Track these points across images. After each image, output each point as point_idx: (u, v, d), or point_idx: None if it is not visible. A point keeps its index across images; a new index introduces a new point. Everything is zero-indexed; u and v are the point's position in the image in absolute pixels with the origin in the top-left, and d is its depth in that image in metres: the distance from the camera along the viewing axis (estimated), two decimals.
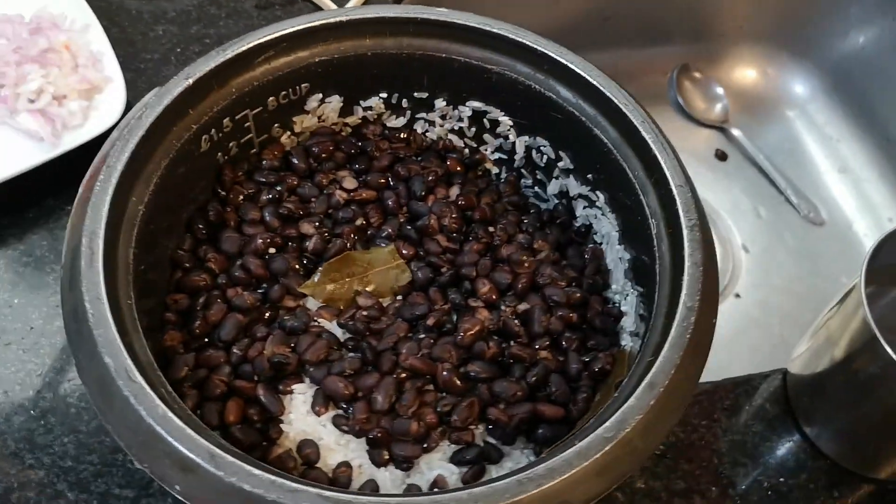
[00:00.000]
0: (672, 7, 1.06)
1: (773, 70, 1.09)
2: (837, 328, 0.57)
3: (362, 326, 0.54)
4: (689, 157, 1.04)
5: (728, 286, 0.96)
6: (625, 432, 0.43)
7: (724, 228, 1.00)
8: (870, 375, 0.55)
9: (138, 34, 0.79)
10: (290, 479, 0.40)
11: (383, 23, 0.58)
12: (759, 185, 1.03)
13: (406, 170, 0.62)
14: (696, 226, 0.50)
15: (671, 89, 1.09)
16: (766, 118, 1.08)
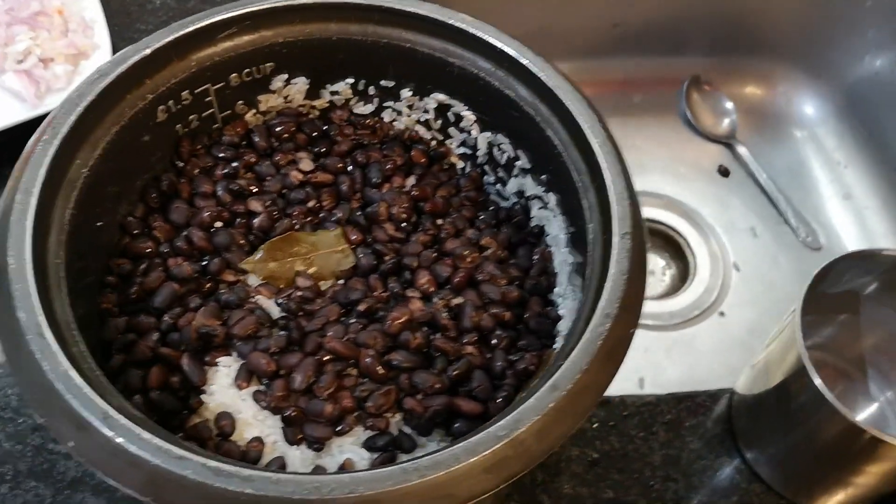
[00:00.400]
0: (687, 17, 1.04)
1: (785, 88, 1.07)
2: (777, 355, 0.56)
3: (295, 306, 0.54)
4: (692, 170, 1.04)
5: (714, 303, 0.95)
6: (518, 432, 0.43)
7: (718, 245, 0.98)
8: (800, 405, 0.54)
9: (135, 5, 0.81)
10: (177, 447, 0.41)
11: (348, 8, 0.58)
12: (759, 204, 1.02)
13: (365, 156, 0.62)
14: (629, 234, 0.50)
15: (680, 101, 1.08)
16: (774, 137, 1.06)
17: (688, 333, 0.93)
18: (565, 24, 1.02)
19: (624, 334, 0.48)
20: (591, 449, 0.61)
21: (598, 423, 0.62)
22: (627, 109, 1.08)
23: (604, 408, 0.63)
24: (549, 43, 1.02)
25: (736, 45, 1.07)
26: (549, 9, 1.00)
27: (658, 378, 0.89)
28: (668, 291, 0.97)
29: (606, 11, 1.01)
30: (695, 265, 0.97)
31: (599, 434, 0.62)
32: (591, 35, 1.03)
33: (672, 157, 1.05)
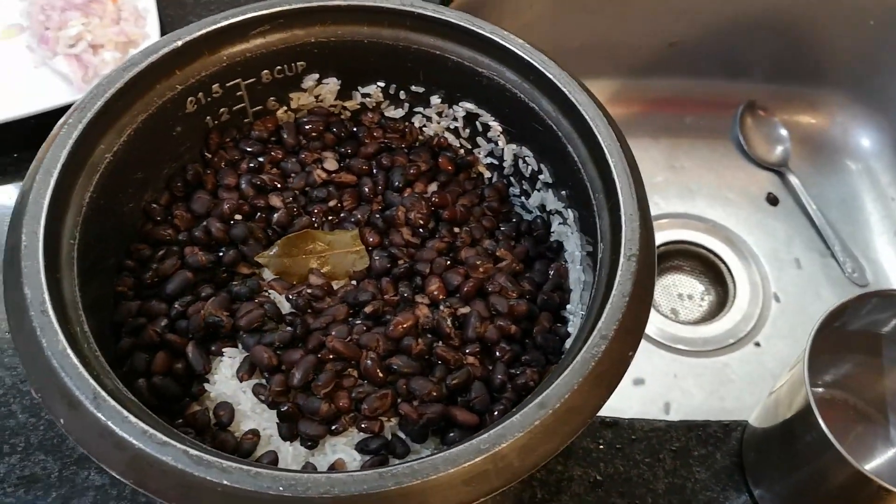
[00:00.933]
0: (747, 41, 1.02)
1: (842, 119, 1.04)
2: (787, 392, 0.55)
3: (303, 303, 0.55)
4: (740, 196, 1.02)
5: (750, 333, 0.92)
6: (500, 447, 0.43)
7: (760, 274, 0.96)
8: (806, 444, 0.52)
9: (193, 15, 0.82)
10: (162, 433, 0.42)
11: (381, 12, 0.58)
12: (805, 235, 0.99)
13: (390, 160, 0.62)
14: (635, 257, 0.49)
15: (734, 125, 1.06)
16: (827, 168, 1.04)
17: (720, 361, 0.91)
18: (620, 39, 1.01)
19: (620, 357, 0.47)
20: (595, 470, 0.60)
21: (604, 444, 0.61)
22: (678, 130, 1.07)
23: (611, 429, 0.62)
24: (601, 58, 1.02)
25: (795, 72, 1.04)
26: (604, 24, 0.99)
27: (685, 405, 0.87)
28: (704, 317, 0.95)
29: (664, 30, 1.00)
30: (734, 292, 0.95)
31: (605, 456, 0.61)
32: (647, 52, 1.02)
33: (720, 181, 1.03)
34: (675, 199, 1.01)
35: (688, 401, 0.87)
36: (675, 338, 0.91)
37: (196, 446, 0.42)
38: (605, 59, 1.02)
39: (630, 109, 1.06)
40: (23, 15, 0.76)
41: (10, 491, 0.58)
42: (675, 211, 1.00)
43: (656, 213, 1.00)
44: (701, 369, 0.90)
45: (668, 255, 0.98)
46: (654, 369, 0.90)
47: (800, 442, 0.52)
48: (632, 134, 1.05)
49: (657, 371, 0.89)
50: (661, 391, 0.88)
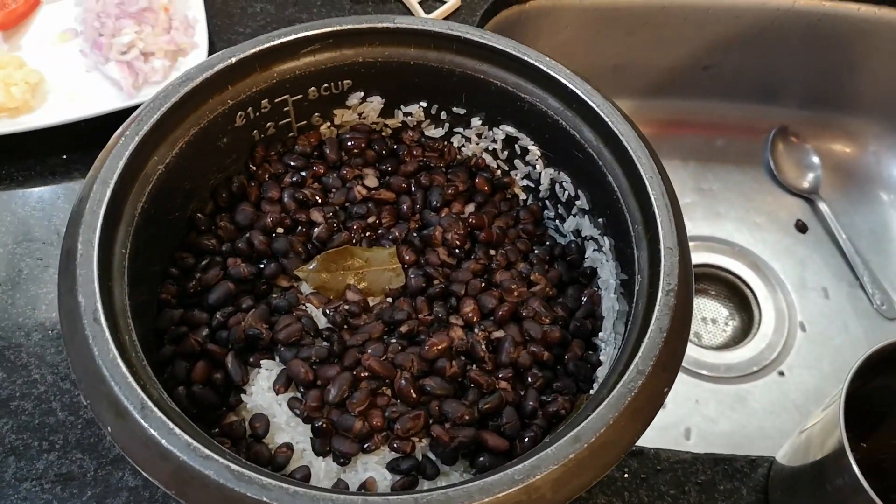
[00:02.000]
0: (781, 67, 1.02)
1: (876, 148, 1.04)
2: (819, 432, 0.55)
3: (340, 319, 0.56)
4: (769, 221, 1.02)
5: (774, 361, 0.93)
6: (535, 479, 0.43)
7: (786, 301, 0.96)
8: (837, 488, 0.52)
9: (237, 8, 0.84)
10: (205, 446, 0.43)
11: (428, 35, 0.59)
12: (834, 264, 0.99)
13: (429, 179, 0.63)
14: (673, 292, 0.49)
15: (765, 150, 1.06)
16: (859, 197, 1.04)
17: (743, 389, 0.91)
18: (655, 61, 1.01)
19: (656, 393, 0.48)
20: (619, 499, 0.61)
21: (629, 473, 0.62)
22: (710, 153, 1.07)
23: (636, 458, 0.62)
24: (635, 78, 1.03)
25: (829, 100, 1.04)
26: (640, 45, 0.99)
27: (705, 431, 0.88)
28: (728, 343, 0.95)
29: (699, 53, 1.00)
30: (759, 319, 0.95)
31: (629, 485, 0.61)
32: (680, 74, 1.02)
33: (750, 206, 1.04)
34: (703, 222, 1.02)
35: (708, 427, 0.88)
36: (698, 362, 0.92)
37: (237, 461, 0.43)
38: (638, 79, 1.03)
39: (661, 130, 1.07)
40: (78, 20, 0.77)
41: (48, 487, 0.59)
42: (701, 234, 1.01)
43: None
44: (723, 396, 0.90)
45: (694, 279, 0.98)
46: (675, 394, 0.88)
47: (830, 485, 0.53)
48: (662, 154, 1.05)
49: (678, 396, 0.90)
50: (683, 416, 0.89)
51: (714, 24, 0.96)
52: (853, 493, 0.51)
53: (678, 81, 1.03)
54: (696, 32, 0.98)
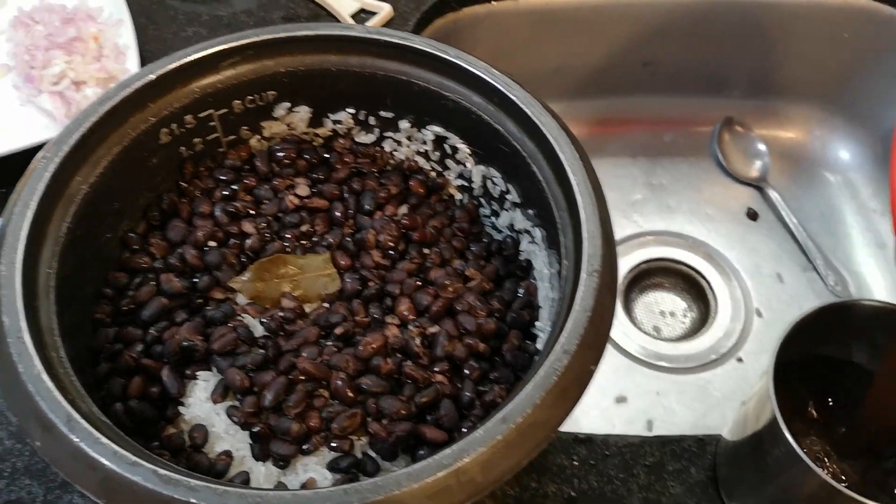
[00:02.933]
0: (721, 58, 1.04)
1: (821, 132, 1.06)
2: (755, 405, 0.55)
3: (275, 326, 0.56)
4: (720, 212, 1.03)
5: (733, 349, 0.93)
6: (463, 462, 0.43)
7: (741, 289, 0.97)
8: (775, 458, 0.53)
9: (170, 33, 0.84)
10: (132, 453, 0.43)
11: (347, 40, 0.60)
12: (787, 249, 1.00)
13: (361, 184, 0.64)
14: (597, 273, 0.50)
15: (712, 142, 1.07)
16: (807, 182, 1.05)
17: (703, 378, 0.91)
18: (597, 61, 1.03)
19: (583, 371, 0.48)
20: (569, 486, 0.61)
21: (578, 460, 0.62)
22: (658, 148, 1.08)
23: (585, 445, 0.62)
24: (578, 79, 1.04)
25: (771, 88, 1.06)
26: (580, 46, 1.01)
27: (667, 422, 0.88)
28: (686, 334, 0.96)
29: (638, 49, 1.02)
30: (716, 309, 0.96)
31: (579, 472, 0.61)
32: (623, 72, 1.03)
33: (700, 198, 1.05)
34: (655, 217, 1.03)
35: (670, 418, 0.88)
36: (657, 355, 0.92)
37: (166, 466, 0.43)
38: (580, 79, 1.04)
39: (608, 129, 1.08)
40: (9, 55, 0.78)
41: None
42: (654, 228, 1.02)
43: (636, 232, 1.01)
44: (683, 386, 0.91)
45: (649, 273, 0.99)
46: (636, 387, 0.90)
47: (769, 456, 0.53)
48: (611, 153, 1.08)
49: (639, 389, 0.90)
50: (644, 409, 0.89)
51: (649, 19, 0.98)
52: (791, 462, 0.51)
53: (620, 79, 1.04)
54: (632, 29, 0.99)
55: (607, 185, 1.04)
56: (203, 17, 0.86)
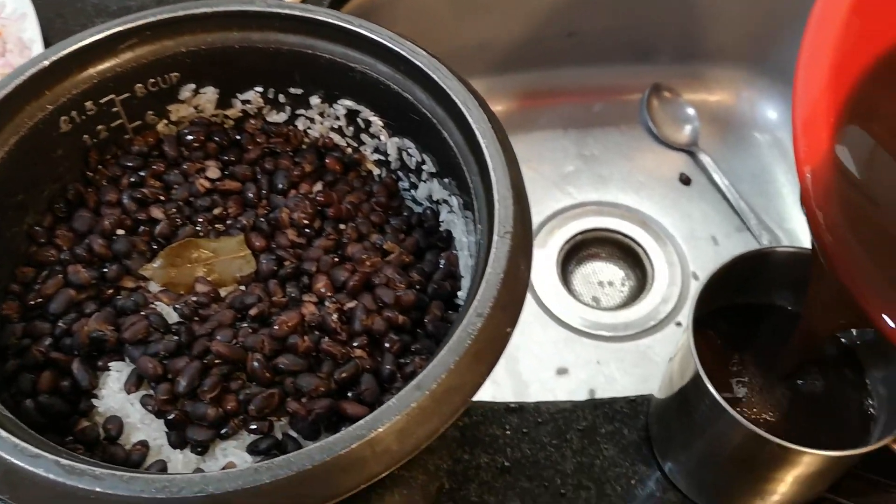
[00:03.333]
0: (645, 25, 1.04)
1: (749, 94, 1.07)
2: (679, 361, 0.55)
3: (189, 311, 0.55)
4: (652, 179, 1.03)
5: (671, 314, 0.93)
6: (377, 431, 0.43)
7: (677, 254, 0.97)
8: (701, 413, 0.53)
9: (79, 25, 0.82)
10: (35, 445, 0.41)
11: (247, 16, 0.59)
12: (720, 211, 1.01)
13: (274, 164, 0.62)
14: (509, 234, 0.49)
15: (642, 110, 1.07)
16: (737, 143, 1.05)
17: (643, 344, 0.91)
18: (521, 34, 1.02)
19: (498, 334, 0.47)
20: (502, 456, 0.60)
21: (510, 430, 0.61)
22: (588, 119, 1.08)
23: (516, 414, 0.62)
24: (504, 54, 1.03)
25: (697, 52, 1.06)
26: (503, 20, 1.00)
27: (609, 390, 0.88)
28: (625, 302, 0.96)
29: (561, 21, 1.01)
30: (653, 275, 0.96)
31: (511, 441, 0.61)
32: (546, 45, 1.03)
33: (633, 166, 1.05)
34: (589, 188, 1.03)
35: (611, 385, 0.88)
36: (598, 325, 0.92)
37: (70, 457, 0.42)
38: (507, 54, 1.03)
39: (537, 102, 1.07)
40: None
41: None
42: (589, 199, 1.02)
43: (571, 203, 1.01)
44: (624, 353, 0.91)
45: (585, 244, 0.99)
46: (577, 358, 0.90)
47: (696, 411, 0.53)
48: (542, 126, 1.07)
49: (580, 360, 0.90)
50: (586, 379, 0.89)
51: None
52: (716, 414, 0.51)
53: (546, 51, 1.04)
54: (554, 1, 0.99)
55: (540, 159, 1.05)
56: (112, 8, 0.84)
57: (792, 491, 0.55)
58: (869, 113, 0.47)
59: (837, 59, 0.47)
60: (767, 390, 0.56)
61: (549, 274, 0.95)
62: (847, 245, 0.46)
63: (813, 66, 0.47)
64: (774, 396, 0.56)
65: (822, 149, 0.46)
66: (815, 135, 0.46)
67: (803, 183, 0.47)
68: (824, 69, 0.47)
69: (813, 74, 0.47)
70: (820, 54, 0.47)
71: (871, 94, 0.48)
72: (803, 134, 0.47)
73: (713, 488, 0.58)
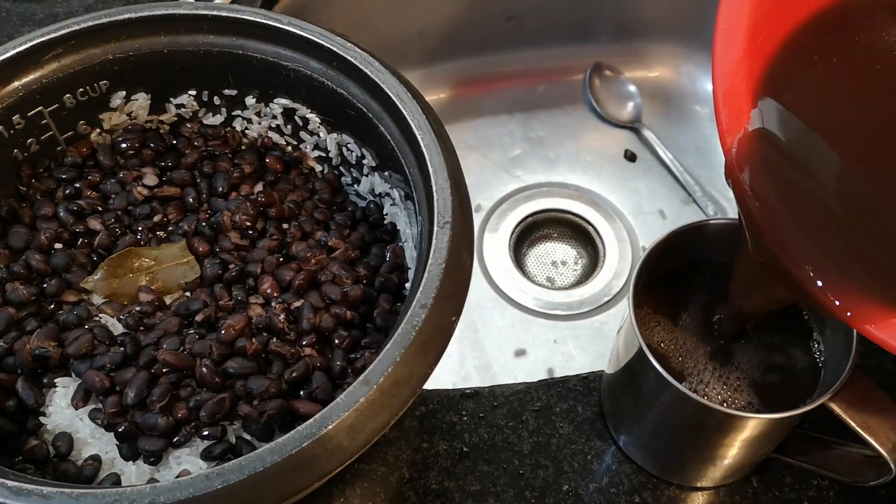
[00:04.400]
0: (583, 6, 1.04)
1: (688, 68, 1.08)
2: (624, 336, 0.56)
3: (133, 322, 0.54)
4: (598, 157, 1.04)
5: (624, 288, 0.94)
6: (327, 429, 0.43)
7: (627, 230, 0.98)
8: (648, 387, 0.53)
9: (4, 35, 0.80)
10: None
11: (174, 20, 0.58)
12: (666, 185, 1.02)
13: (212, 166, 0.62)
14: (448, 224, 0.49)
15: (585, 90, 1.08)
16: (680, 117, 1.07)
17: (598, 321, 0.92)
18: (460, 20, 1.02)
19: (444, 324, 0.48)
20: (460, 442, 0.61)
21: (467, 415, 0.62)
22: (533, 101, 1.08)
23: (472, 400, 0.62)
24: (445, 41, 1.03)
25: (636, 30, 1.07)
26: (441, 7, 1.00)
27: (567, 367, 0.89)
28: (579, 280, 0.96)
29: (499, 5, 1.01)
30: (604, 252, 0.97)
31: (468, 426, 0.61)
32: (485, 30, 1.03)
33: (579, 146, 1.05)
34: (537, 170, 1.03)
35: (569, 363, 0.89)
36: (552, 304, 0.93)
37: (17, 477, 0.41)
38: (448, 41, 1.03)
39: (481, 87, 1.07)
40: None
41: None
42: (537, 181, 1.02)
43: (520, 186, 1.01)
44: (580, 331, 0.91)
45: (536, 226, 0.99)
46: (534, 339, 0.91)
47: (643, 385, 0.54)
48: (488, 111, 1.08)
49: (537, 340, 0.91)
50: (544, 359, 0.90)
51: None
52: (661, 388, 0.52)
53: (486, 36, 1.04)
54: None
55: (488, 144, 1.06)
56: (38, 17, 0.82)
57: (741, 454, 0.56)
58: (785, 82, 0.48)
59: (752, 30, 0.47)
60: (714, 356, 0.57)
61: (503, 257, 0.95)
62: (773, 212, 0.46)
63: (728, 37, 0.48)
64: (720, 361, 0.57)
65: (743, 119, 0.47)
66: (735, 106, 0.47)
67: (727, 154, 0.48)
68: (740, 40, 0.47)
69: (729, 46, 0.48)
70: (735, 25, 0.48)
71: (786, 63, 0.49)
72: (724, 105, 0.47)
73: (666, 458, 0.59)
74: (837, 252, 0.45)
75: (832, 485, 0.59)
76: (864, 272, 0.45)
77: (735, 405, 0.53)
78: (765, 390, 0.54)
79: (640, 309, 0.53)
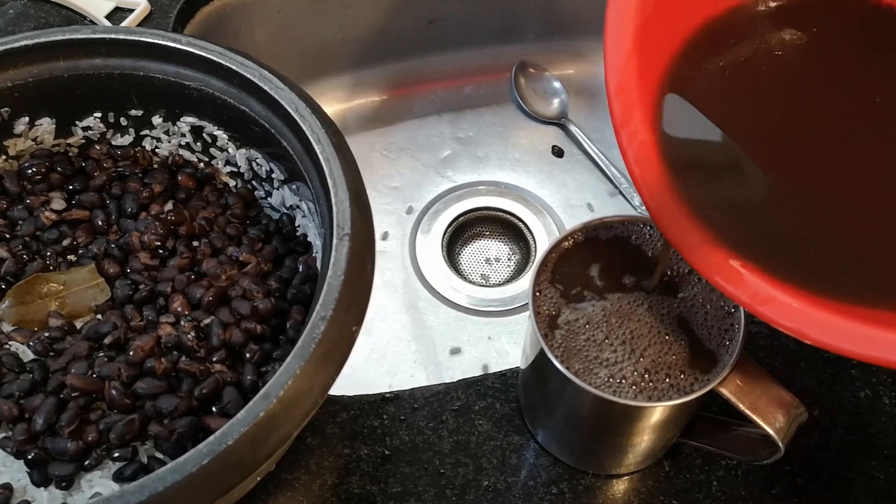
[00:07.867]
0: (505, 6, 1.05)
1: None
2: (530, 334, 0.57)
3: (42, 347, 0.54)
4: (527, 154, 1.06)
5: None
6: (227, 445, 0.43)
7: (556, 224, 1.00)
8: (553, 384, 0.55)
9: None
10: None
11: (72, 44, 0.58)
12: (593, 179, 1.03)
13: (121, 187, 0.62)
14: (347, 236, 0.50)
15: (511, 88, 1.09)
16: (604, 112, 1.06)
17: None
18: (382, 26, 1.03)
19: (344, 334, 0.49)
20: (382, 446, 0.62)
21: (387, 419, 0.63)
22: (460, 102, 1.09)
23: (392, 403, 0.63)
24: (368, 47, 1.04)
25: (559, 28, 1.09)
26: (362, 14, 1.00)
27: (501, 362, 0.90)
28: (512, 276, 0.98)
29: (419, 9, 1.02)
30: (535, 247, 0.99)
31: (389, 430, 0.62)
32: (409, 34, 1.04)
33: (507, 144, 1.07)
34: (467, 169, 1.04)
35: (503, 358, 0.90)
36: (486, 301, 0.94)
37: None
38: (372, 47, 1.04)
39: (409, 90, 1.08)
40: None
41: None
42: (469, 181, 1.03)
43: (451, 186, 1.03)
44: (513, 326, 0.93)
45: (469, 225, 1.01)
46: (469, 336, 0.92)
47: (549, 381, 0.55)
48: (416, 114, 1.09)
49: (472, 337, 0.92)
50: (479, 355, 0.91)
51: None
52: (564, 384, 0.53)
53: (410, 40, 1.05)
54: None
55: (418, 146, 1.06)
56: None
57: (648, 440, 0.57)
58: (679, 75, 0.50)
59: (639, 27, 0.49)
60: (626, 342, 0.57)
61: (436, 258, 0.96)
62: (669, 203, 0.48)
63: (618, 30, 0.49)
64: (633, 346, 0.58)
65: (635, 112, 0.49)
66: (627, 98, 0.49)
67: (621, 147, 0.49)
68: (629, 33, 0.49)
69: (618, 39, 0.49)
70: (623, 18, 0.49)
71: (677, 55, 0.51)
72: (616, 99, 0.49)
73: (579, 449, 0.60)
74: (728, 228, 0.46)
75: (739, 465, 0.61)
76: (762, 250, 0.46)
77: (649, 388, 0.54)
78: (677, 370, 0.55)
79: (543, 307, 0.54)
